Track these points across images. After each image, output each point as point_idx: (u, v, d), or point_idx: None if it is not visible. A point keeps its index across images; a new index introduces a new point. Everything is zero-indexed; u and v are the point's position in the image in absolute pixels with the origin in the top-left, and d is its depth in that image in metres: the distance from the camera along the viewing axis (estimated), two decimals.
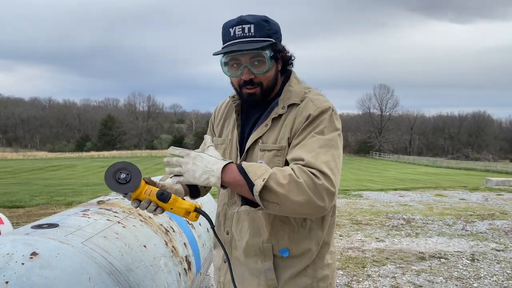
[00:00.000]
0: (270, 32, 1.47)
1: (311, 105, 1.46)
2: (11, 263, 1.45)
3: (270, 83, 1.51)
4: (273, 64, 1.50)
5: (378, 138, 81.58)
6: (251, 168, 1.30)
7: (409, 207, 9.93)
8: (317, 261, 1.51)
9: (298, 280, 1.48)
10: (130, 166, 1.34)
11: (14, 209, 9.13)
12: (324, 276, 1.52)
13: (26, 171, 30.30)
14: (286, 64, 1.57)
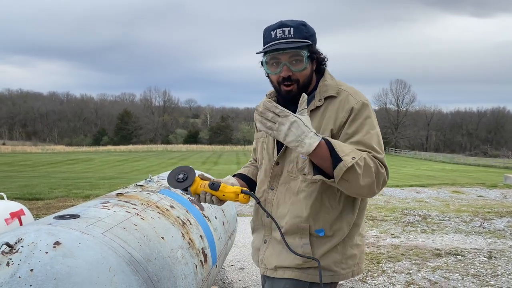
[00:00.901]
0: (308, 35, 1.62)
1: (352, 98, 1.60)
2: (35, 251, 1.51)
3: (306, 81, 1.65)
4: (309, 64, 1.65)
5: (394, 134, 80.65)
6: (338, 145, 1.41)
7: (425, 204, 9.83)
8: (347, 240, 1.64)
9: (329, 256, 1.62)
10: (186, 168, 1.62)
11: (34, 201, 9.35)
12: (352, 255, 1.65)
13: (45, 164, 30.89)
14: (320, 64, 1.71)
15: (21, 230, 1.66)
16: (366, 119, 1.58)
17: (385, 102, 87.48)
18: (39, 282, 1.41)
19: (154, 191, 2.86)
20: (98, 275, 1.53)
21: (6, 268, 1.44)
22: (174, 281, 1.99)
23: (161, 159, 38.67)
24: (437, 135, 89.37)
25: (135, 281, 1.65)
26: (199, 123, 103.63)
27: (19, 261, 1.46)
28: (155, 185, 3.08)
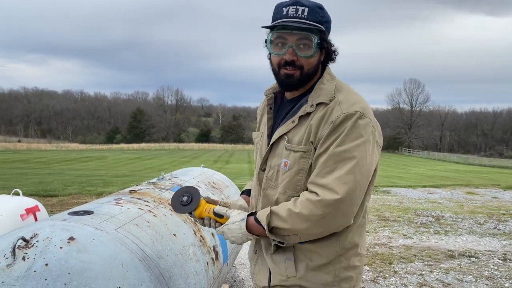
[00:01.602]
0: (323, 20, 1.46)
1: (338, 109, 1.41)
2: (50, 246, 1.53)
3: (311, 69, 1.50)
4: (318, 52, 1.48)
5: (408, 134, 79.85)
6: (260, 215, 1.44)
7: (438, 205, 9.72)
8: (342, 260, 1.47)
9: (318, 275, 1.46)
10: (191, 189, 1.56)
11: (48, 198, 9.48)
12: (347, 277, 1.48)
13: (59, 162, 31.31)
14: (329, 57, 1.55)
15: (37, 225, 1.69)
16: (339, 137, 1.37)
17: (399, 102, 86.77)
18: (53, 277, 1.43)
19: (167, 188, 2.88)
20: (111, 270, 1.55)
21: (22, 262, 1.46)
22: (186, 278, 2.00)
23: (174, 158, 38.90)
24: (451, 136, 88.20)
25: (147, 277, 1.66)
26: (211, 122, 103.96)
27: (35, 255, 1.48)
28: (167, 182, 3.10)
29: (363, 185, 1.37)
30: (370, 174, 1.41)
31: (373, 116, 1.45)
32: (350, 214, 1.37)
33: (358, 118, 1.38)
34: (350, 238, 1.47)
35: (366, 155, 1.37)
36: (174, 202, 1.57)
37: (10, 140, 71.56)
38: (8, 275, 1.43)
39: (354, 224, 1.47)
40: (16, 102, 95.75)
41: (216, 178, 3.93)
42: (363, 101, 1.46)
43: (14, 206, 3.79)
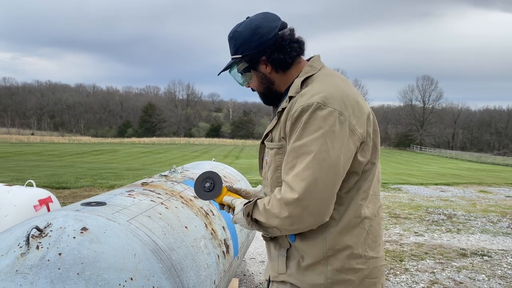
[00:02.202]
0: (235, 48, 1.54)
1: (298, 101, 1.37)
2: (63, 236, 1.54)
3: (262, 89, 1.59)
4: (251, 75, 1.57)
5: (420, 131, 79.06)
6: (247, 206, 1.43)
7: (450, 203, 9.62)
8: (333, 262, 1.39)
9: (308, 275, 1.41)
10: (213, 175, 1.55)
11: (60, 190, 9.59)
12: (344, 280, 1.39)
13: (72, 155, 31.66)
14: (280, 63, 1.52)
15: (50, 215, 1.70)
16: (297, 132, 1.33)
17: (411, 99, 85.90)
18: (67, 266, 1.44)
19: (178, 181, 2.88)
20: (123, 261, 1.56)
21: (36, 251, 1.47)
22: (197, 270, 2.00)
23: (184, 152, 39.08)
24: (464, 133, 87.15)
25: (159, 269, 1.66)
26: (221, 117, 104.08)
27: (48, 245, 1.49)
28: (179, 175, 3.11)
29: (326, 180, 1.28)
30: (336, 168, 1.29)
31: (344, 104, 1.34)
32: (318, 211, 1.28)
33: (316, 109, 1.31)
34: (339, 238, 1.38)
35: (327, 148, 1.28)
36: (197, 188, 1.56)
37: (24, 133, 72.54)
38: (22, 263, 1.44)
39: (341, 223, 1.39)
40: (30, 95, 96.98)
41: (227, 172, 3.92)
42: (330, 90, 1.36)
43: (28, 197, 3.83)
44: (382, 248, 1.53)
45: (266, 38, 1.49)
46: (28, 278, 1.40)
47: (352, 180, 1.39)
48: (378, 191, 1.53)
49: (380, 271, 1.47)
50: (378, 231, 1.49)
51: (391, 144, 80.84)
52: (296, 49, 1.52)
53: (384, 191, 11.33)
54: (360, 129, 1.36)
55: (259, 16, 1.54)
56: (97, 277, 1.45)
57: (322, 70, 1.50)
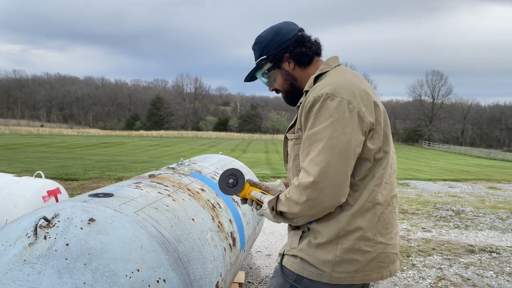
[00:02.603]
0: (260, 51, 1.70)
1: (311, 94, 1.50)
2: (71, 227, 1.54)
3: (286, 87, 1.72)
4: (276, 73, 1.71)
5: (428, 127, 78.44)
6: (271, 201, 1.56)
7: (459, 199, 9.55)
8: (344, 241, 1.49)
9: (318, 252, 1.51)
10: (236, 172, 1.65)
11: (69, 181, 9.67)
12: (351, 260, 1.49)
13: (80, 147, 31.88)
14: (302, 57, 1.66)
15: (58, 206, 1.70)
16: (310, 121, 1.46)
17: (420, 94, 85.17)
18: (74, 256, 1.44)
19: (186, 174, 2.89)
20: (130, 252, 1.56)
21: (43, 241, 1.48)
22: (204, 263, 2.01)
23: (192, 145, 39.19)
24: (473, 129, 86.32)
25: (166, 261, 1.66)
26: (229, 110, 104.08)
27: (56, 235, 1.50)
28: (186, 168, 3.11)
29: (339, 163, 1.40)
30: (347, 152, 1.41)
31: (353, 94, 1.46)
32: (334, 193, 1.40)
33: (325, 99, 1.44)
34: (352, 220, 1.49)
35: (337, 134, 1.40)
36: (222, 184, 1.66)
37: (33, 125, 73.16)
38: (30, 253, 1.45)
39: (355, 207, 1.49)
40: (39, 88, 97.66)
41: (234, 165, 3.92)
42: (340, 82, 1.49)
43: (37, 188, 3.86)
44: (396, 238, 1.62)
45: (287, 37, 1.66)
46: (35, 267, 1.41)
47: (365, 167, 1.49)
48: (394, 181, 1.62)
49: (389, 258, 1.56)
50: (390, 219, 1.57)
51: (399, 140, 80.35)
52: (315, 46, 1.69)
53: None
54: (369, 117, 1.47)
55: (279, 23, 1.72)
56: (104, 268, 1.46)
57: (337, 68, 1.63)
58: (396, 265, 1.61)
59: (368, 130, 1.47)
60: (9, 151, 22.20)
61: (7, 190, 3.77)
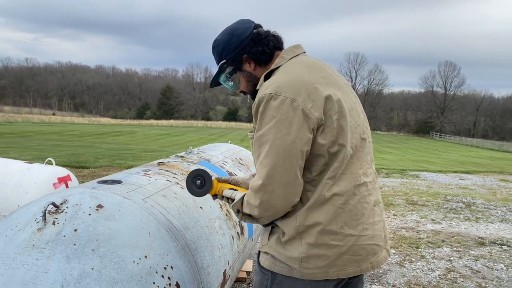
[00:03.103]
0: (218, 56, 1.69)
1: (258, 95, 1.49)
2: (79, 213, 1.55)
3: (250, 88, 1.70)
4: (238, 76, 1.71)
5: (440, 118, 77.55)
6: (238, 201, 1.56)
7: (469, 191, 9.46)
8: (306, 237, 1.46)
9: (285, 249, 1.49)
10: (202, 172, 1.67)
11: (80, 169, 9.77)
12: (318, 255, 1.45)
13: (91, 135, 32.16)
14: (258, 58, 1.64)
15: (67, 192, 1.71)
16: (257, 124, 1.46)
17: (432, 85, 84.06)
18: (82, 242, 1.45)
19: (194, 162, 2.88)
20: (138, 239, 1.56)
21: (52, 227, 1.49)
22: (211, 251, 2.01)
23: (201, 135, 39.29)
24: (486, 121, 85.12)
25: (174, 248, 1.67)
26: (238, 100, 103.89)
27: (64, 221, 1.51)
28: (195, 156, 3.11)
29: (285, 164, 1.39)
30: (292, 152, 1.39)
31: (297, 91, 1.43)
32: (284, 193, 1.41)
33: (268, 99, 1.43)
34: (308, 215, 1.46)
35: (281, 135, 1.39)
36: (189, 187, 1.68)
37: (45, 113, 73.91)
38: (39, 238, 1.46)
39: (310, 201, 1.46)
40: (51, 76, 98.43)
41: (243, 154, 3.91)
42: (285, 79, 1.47)
43: (48, 175, 3.90)
44: (373, 228, 1.54)
45: (243, 37, 1.64)
46: (44, 252, 1.42)
47: (319, 162, 1.46)
48: (362, 169, 1.54)
49: (365, 250, 1.50)
50: (360, 210, 1.51)
51: (410, 131, 79.65)
52: (273, 42, 1.65)
53: (401, 178, 11.19)
54: (316, 112, 1.43)
55: (233, 23, 1.70)
56: (112, 254, 1.46)
57: (291, 60, 1.59)
58: (379, 256, 1.55)
59: (316, 127, 1.43)
60: (21, 139, 22.49)
61: (18, 176, 3.82)
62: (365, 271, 1.52)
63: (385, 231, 1.63)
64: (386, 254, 1.61)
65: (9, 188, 3.73)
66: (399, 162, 19.97)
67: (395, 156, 26.95)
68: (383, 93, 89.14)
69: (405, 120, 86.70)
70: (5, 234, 1.51)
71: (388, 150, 33.38)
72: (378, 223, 1.57)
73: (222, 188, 1.68)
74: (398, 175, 11.87)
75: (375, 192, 1.60)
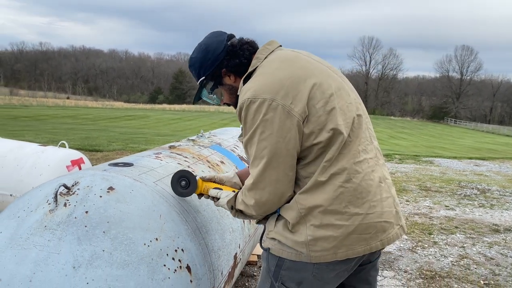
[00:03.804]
0: (197, 74, 1.71)
1: (239, 101, 1.52)
2: (90, 195, 1.55)
3: (234, 100, 1.72)
4: (220, 90, 1.74)
5: (455, 104, 76.29)
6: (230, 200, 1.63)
7: (484, 177, 9.32)
8: (310, 219, 1.46)
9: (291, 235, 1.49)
10: (185, 173, 1.74)
11: (93, 152, 9.88)
12: (325, 237, 1.44)
13: (105, 119, 32.46)
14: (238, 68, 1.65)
15: (78, 174, 1.71)
16: (245, 130, 1.50)
17: (448, 70, 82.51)
18: (93, 224, 1.45)
19: (205, 146, 2.87)
20: (149, 221, 1.56)
21: (63, 208, 1.49)
22: (222, 234, 2.00)
23: (213, 120, 39.35)
24: (502, 107, 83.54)
25: (184, 231, 1.66)
26: None
27: (76, 202, 1.51)
28: (206, 140, 3.10)
29: (273, 163, 1.43)
30: (278, 151, 1.43)
31: (275, 90, 1.44)
32: (275, 190, 1.46)
33: (248, 104, 1.46)
34: (308, 198, 1.46)
35: (265, 136, 1.43)
36: (175, 188, 1.74)
37: (60, 97, 74.68)
38: (51, 220, 1.46)
39: (308, 184, 1.46)
40: (65, 60, 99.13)
41: None
42: (261, 80, 1.49)
43: (61, 158, 3.94)
44: (382, 205, 1.50)
45: (218, 51, 1.65)
46: (56, 234, 1.42)
47: (314, 150, 1.46)
48: (361, 146, 1.51)
49: (374, 227, 1.48)
50: (365, 187, 1.48)
51: (424, 117, 78.65)
52: (248, 49, 1.65)
53: (415, 164, 11.09)
54: (297, 107, 1.44)
55: (205, 38, 1.72)
56: (123, 236, 1.46)
57: (267, 58, 1.60)
58: (390, 233, 1.52)
59: (302, 120, 1.44)
60: (36, 122, 22.80)
61: (33, 159, 3.86)
62: (375, 248, 1.50)
63: (396, 207, 1.58)
64: (399, 231, 1.57)
65: (24, 170, 3.77)
66: (413, 148, 19.77)
67: (408, 142, 26.69)
68: (397, 78, 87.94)
69: (419, 105, 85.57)
70: (17, 215, 1.53)
71: (401, 136, 33.06)
72: (387, 199, 1.54)
73: (207, 188, 1.74)
74: (412, 161, 11.75)
75: (379, 169, 1.56)
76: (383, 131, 34.96)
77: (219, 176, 1.78)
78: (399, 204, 1.64)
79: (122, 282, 1.40)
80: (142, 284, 1.42)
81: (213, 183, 1.75)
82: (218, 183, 1.76)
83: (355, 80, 75.62)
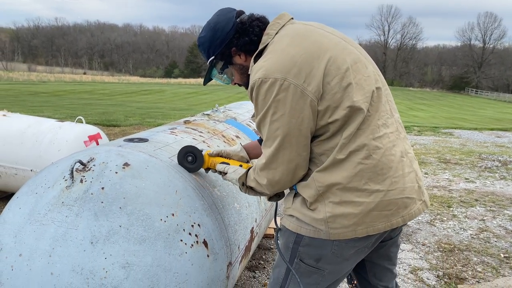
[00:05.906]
0: (206, 53, 1.65)
1: (250, 80, 1.49)
2: (106, 171, 1.55)
3: (245, 80, 1.67)
4: (230, 70, 1.70)
5: (477, 74, 74.08)
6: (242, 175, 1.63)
7: (506, 149, 9.11)
8: (329, 196, 1.43)
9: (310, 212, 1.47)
10: (192, 149, 1.76)
11: (111, 127, 9.98)
12: (344, 214, 1.41)
13: (121, 94, 32.65)
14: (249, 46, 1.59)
15: (93, 150, 1.71)
16: (256, 111, 1.47)
17: (470, 38, 79.77)
18: (109, 200, 1.46)
19: (221, 120, 2.85)
20: (165, 197, 1.55)
21: (79, 184, 1.49)
22: (239, 209, 2.00)
23: (229, 94, 39.20)
24: None
25: (201, 206, 1.66)
26: None
27: (92, 179, 1.51)
28: (221, 115, 3.07)
29: (285, 143, 1.41)
30: (291, 131, 1.40)
31: (287, 69, 1.39)
32: (288, 170, 1.45)
33: (259, 84, 1.41)
34: (325, 175, 1.43)
35: (277, 117, 1.40)
36: (182, 164, 1.76)
37: (77, 72, 75.20)
38: (68, 196, 1.47)
39: (327, 162, 1.43)
40: (80, 35, 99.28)
41: None
42: (272, 59, 1.43)
43: (79, 133, 3.97)
44: (404, 181, 1.46)
45: (227, 29, 1.59)
46: (73, 210, 1.43)
47: (331, 129, 1.41)
48: (377, 121, 1.45)
49: (396, 204, 1.44)
50: (386, 163, 1.43)
51: (444, 87, 76.79)
52: (258, 25, 1.59)
53: (434, 136, 10.89)
54: (311, 85, 1.38)
55: (214, 15, 1.65)
56: (139, 211, 1.46)
57: (278, 33, 1.54)
58: (412, 209, 1.48)
59: (316, 99, 1.39)
60: (54, 98, 23.09)
61: (51, 135, 3.90)
62: (396, 225, 1.46)
63: (419, 182, 1.54)
64: (422, 206, 1.54)
65: (43, 146, 3.82)
66: (432, 120, 19.40)
67: (427, 113, 26.19)
68: (416, 48, 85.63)
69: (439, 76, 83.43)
70: (35, 191, 1.54)
71: (420, 107, 32.44)
72: (409, 175, 1.49)
73: (214, 162, 1.74)
74: (431, 132, 11.54)
75: (400, 143, 1.51)
76: (402, 103, 34.34)
77: (226, 151, 1.78)
78: (422, 178, 1.59)
79: (140, 257, 1.41)
80: (160, 259, 1.43)
81: (220, 158, 1.75)
82: (225, 157, 1.76)
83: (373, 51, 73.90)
